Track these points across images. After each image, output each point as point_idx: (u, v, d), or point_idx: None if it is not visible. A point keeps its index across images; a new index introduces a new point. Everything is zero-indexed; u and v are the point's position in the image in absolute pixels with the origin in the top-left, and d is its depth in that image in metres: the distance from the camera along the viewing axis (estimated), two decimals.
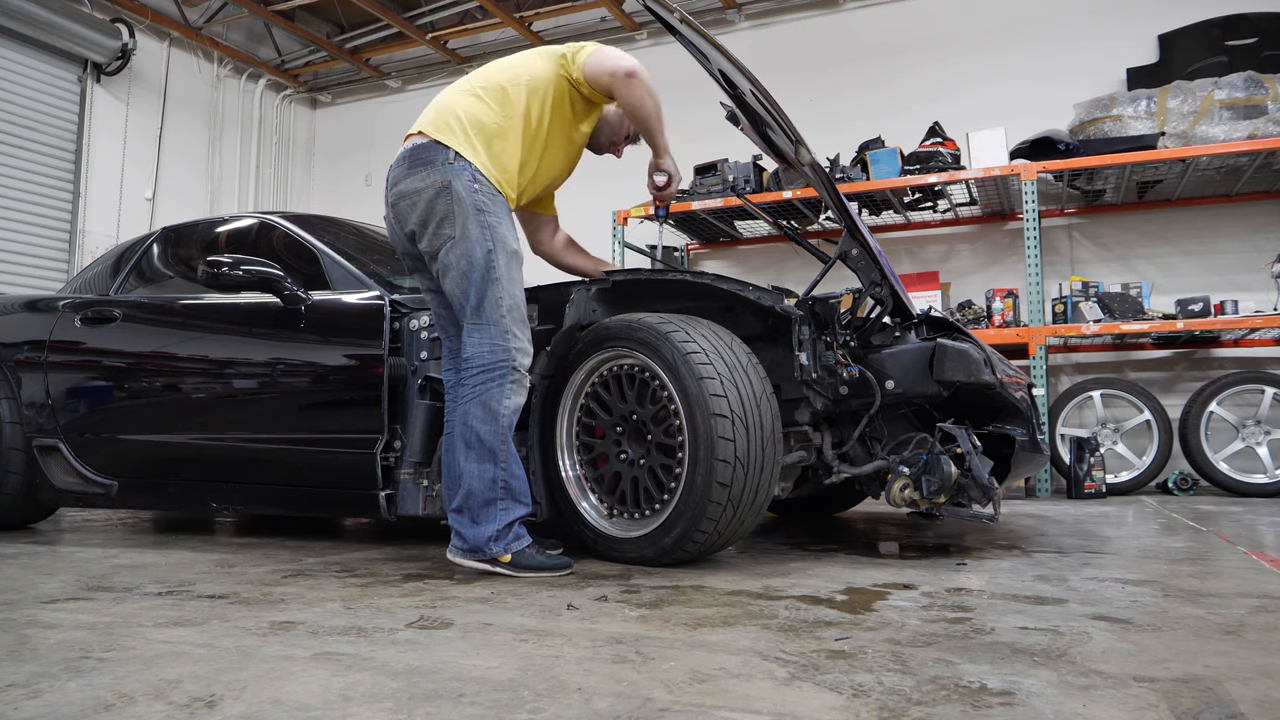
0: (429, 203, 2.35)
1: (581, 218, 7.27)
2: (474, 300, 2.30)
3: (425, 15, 7.59)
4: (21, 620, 1.75)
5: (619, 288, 2.65)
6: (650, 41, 7.38)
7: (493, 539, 2.24)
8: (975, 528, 3.31)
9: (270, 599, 1.96)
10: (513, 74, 2.48)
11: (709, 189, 5.93)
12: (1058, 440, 5.06)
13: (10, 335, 3.50)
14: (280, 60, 8.32)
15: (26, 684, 1.29)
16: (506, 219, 2.39)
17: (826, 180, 2.66)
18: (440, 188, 2.33)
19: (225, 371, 3.05)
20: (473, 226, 2.31)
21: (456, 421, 2.31)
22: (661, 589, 2.03)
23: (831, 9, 6.87)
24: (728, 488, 2.20)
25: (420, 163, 2.38)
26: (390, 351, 2.73)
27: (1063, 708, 1.17)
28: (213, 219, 3.70)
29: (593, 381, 2.52)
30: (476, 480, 2.26)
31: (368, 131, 8.56)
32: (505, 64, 2.53)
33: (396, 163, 2.46)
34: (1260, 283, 5.34)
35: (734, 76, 2.49)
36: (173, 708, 1.18)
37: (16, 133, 6.47)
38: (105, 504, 3.26)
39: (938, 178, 5.38)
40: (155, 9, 7.25)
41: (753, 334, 2.64)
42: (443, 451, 2.46)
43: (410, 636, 1.58)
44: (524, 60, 2.52)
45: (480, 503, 2.25)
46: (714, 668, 1.36)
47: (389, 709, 1.17)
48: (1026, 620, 1.71)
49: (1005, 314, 5.33)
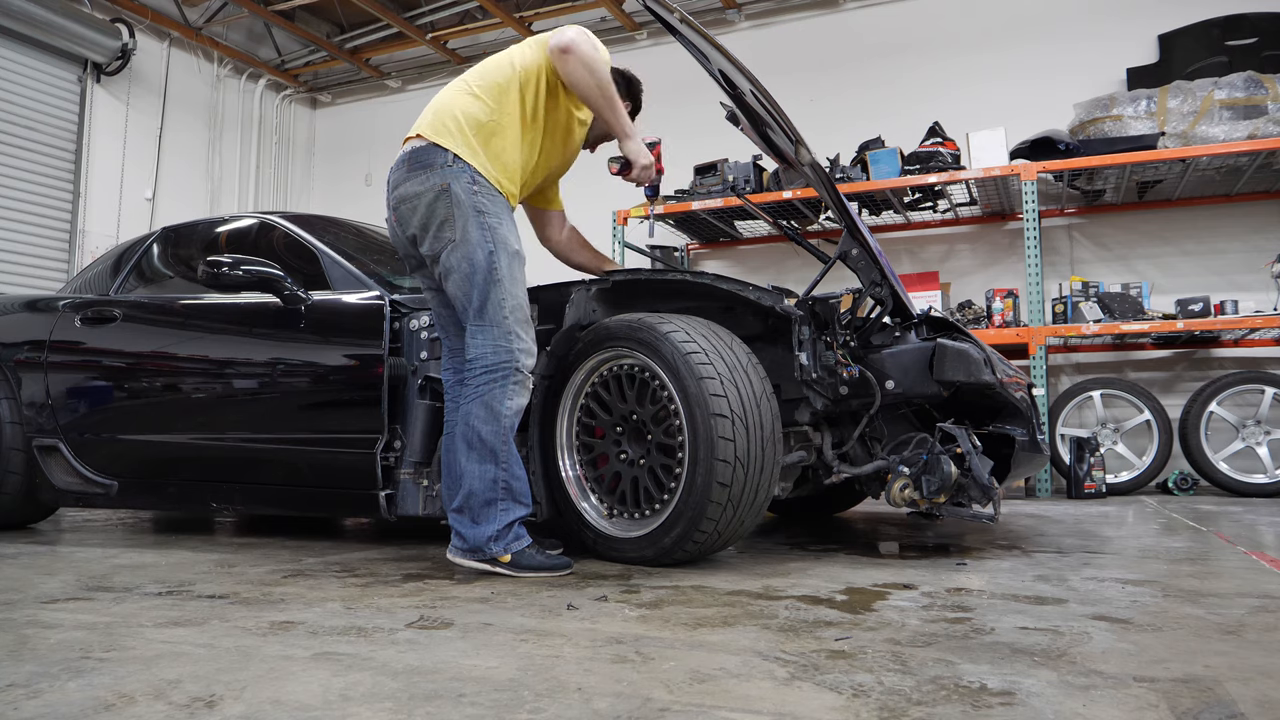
0: (429, 206, 2.35)
1: (582, 218, 7.29)
2: (477, 302, 2.30)
3: (425, 15, 7.59)
4: (21, 620, 1.75)
5: (619, 288, 2.65)
6: (650, 41, 7.38)
7: (493, 539, 2.24)
8: (975, 528, 3.31)
9: (270, 599, 1.96)
10: (503, 67, 2.48)
11: (709, 189, 5.93)
12: (1058, 440, 5.06)
13: (10, 335, 3.50)
14: (280, 60, 8.32)
15: (26, 684, 1.29)
16: (508, 219, 2.39)
17: (826, 180, 2.66)
18: (440, 191, 2.33)
19: (225, 371, 3.05)
20: (473, 229, 2.31)
21: (458, 421, 2.32)
22: (661, 589, 2.03)
23: (831, 9, 6.87)
24: (728, 488, 2.20)
25: (419, 166, 2.38)
26: (390, 351, 2.73)
27: (1063, 708, 1.17)
28: (213, 219, 3.70)
29: (593, 381, 2.52)
30: (477, 480, 2.26)
31: (368, 131, 8.56)
32: (498, 58, 2.53)
33: (396, 165, 2.46)
34: (1260, 283, 5.34)
35: (734, 76, 2.49)
36: (173, 708, 1.18)
37: (16, 133, 6.47)
38: (105, 504, 3.26)
39: (938, 178, 5.38)
40: (155, 9, 7.25)
41: (753, 334, 2.64)
42: (443, 451, 2.46)
43: (410, 636, 1.58)
44: (514, 51, 2.52)
45: (481, 503, 2.26)
46: (714, 668, 1.36)
47: (389, 709, 1.17)
48: (1026, 620, 1.71)
49: (1005, 314, 5.33)
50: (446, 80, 8.42)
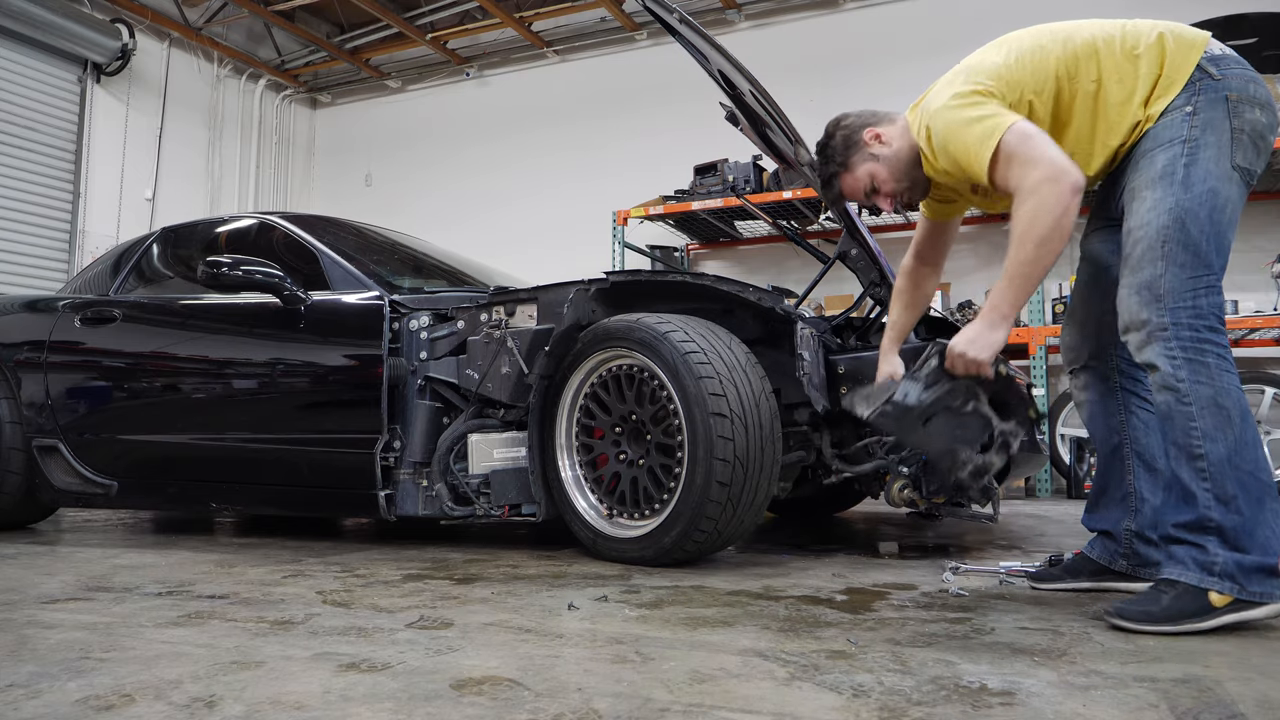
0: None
1: (582, 217, 7.31)
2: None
3: (425, 15, 7.60)
4: (21, 620, 1.75)
5: (618, 288, 2.65)
6: (650, 41, 7.38)
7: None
8: (975, 528, 3.31)
9: (270, 599, 1.96)
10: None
11: (709, 189, 5.93)
12: (1058, 440, 5.06)
13: (10, 335, 3.50)
14: (280, 60, 8.32)
15: (26, 684, 1.29)
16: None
17: None
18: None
19: (225, 372, 3.05)
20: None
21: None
22: (661, 589, 2.03)
23: (831, 9, 6.87)
24: (727, 487, 2.20)
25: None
26: (390, 351, 2.73)
27: (1063, 708, 1.17)
28: (213, 219, 3.70)
29: (592, 382, 2.52)
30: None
31: (368, 131, 8.56)
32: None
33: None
34: (1260, 283, 5.34)
35: (733, 76, 2.49)
36: (173, 708, 1.18)
37: (16, 133, 6.47)
38: (105, 504, 3.26)
39: None
40: (155, 9, 7.25)
41: (753, 337, 2.64)
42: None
43: (410, 636, 1.58)
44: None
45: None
46: (714, 668, 1.36)
47: (389, 709, 1.17)
48: (1026, 620, 1.71)
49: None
50: (447, 80, 8.58)
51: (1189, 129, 1.74)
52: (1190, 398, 1.65)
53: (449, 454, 2.70)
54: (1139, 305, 1.71)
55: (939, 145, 1.90)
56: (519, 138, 7.83)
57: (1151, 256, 1.71)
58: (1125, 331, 1.75)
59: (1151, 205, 1.73)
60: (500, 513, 2.63)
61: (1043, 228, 1.75)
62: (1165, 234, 1.70)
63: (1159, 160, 1.75)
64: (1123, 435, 2.01)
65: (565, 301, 2.63)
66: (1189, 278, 1.68)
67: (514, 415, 2.67)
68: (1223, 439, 1.64)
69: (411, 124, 8.34)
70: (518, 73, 8.01)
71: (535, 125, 7.79)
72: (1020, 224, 1.78)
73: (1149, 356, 1.70)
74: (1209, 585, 1.61)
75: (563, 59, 7.82)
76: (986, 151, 1.77)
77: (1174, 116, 1.75)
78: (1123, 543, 2.00)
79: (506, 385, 2.64)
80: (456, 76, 8.23)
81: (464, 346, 2.77)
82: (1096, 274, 2.05)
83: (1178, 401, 1.67)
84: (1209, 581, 1.62)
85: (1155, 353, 1.68)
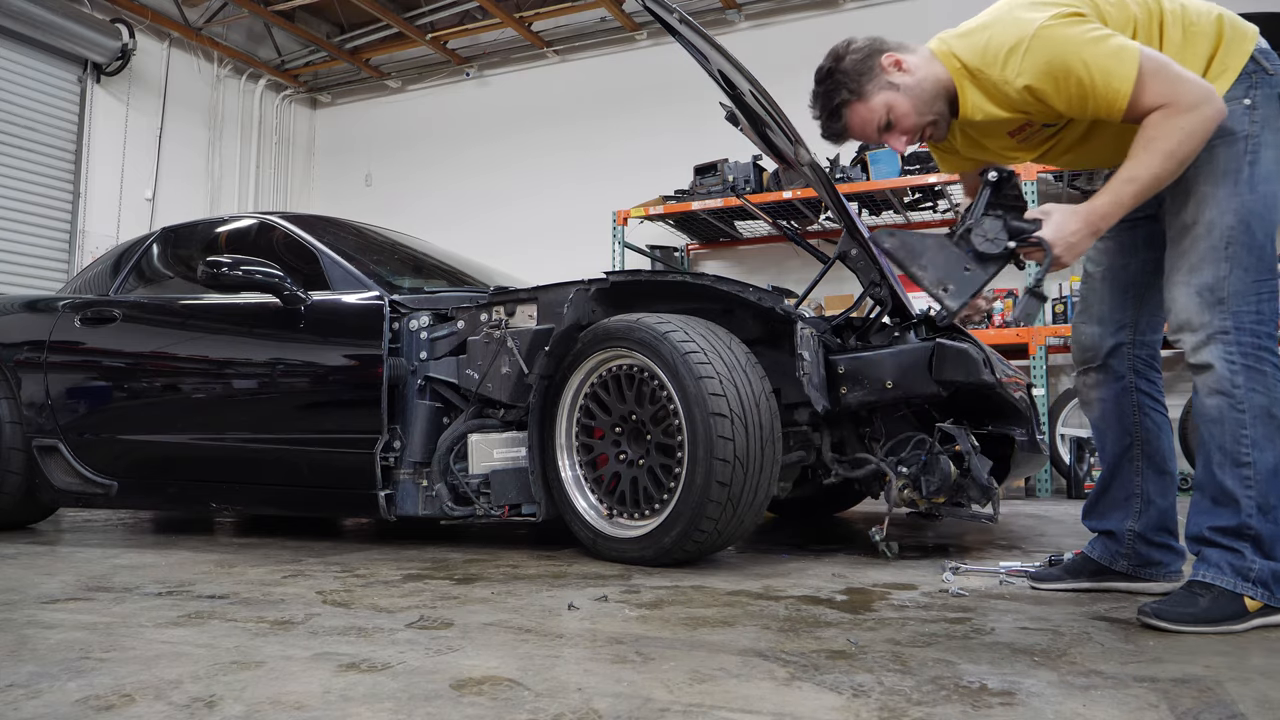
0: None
1: (581, 217, 7.30)
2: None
3: (425, 15, 7.60)
4: (21, 620, 1.75)
5: (618, 288, 2.64)
6: (650, 41, 7.38)
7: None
8: (975, 528, 3.31)
9: (270, 599, 1.96)
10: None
11: (709, 189, 5.93)
12: (1058, 440, 5.06)
13: (10, 335, 3.50)
14: (280, 60, 8.32)
15: (26, 684, 1.29)
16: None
17: (826, 180, 2.66)
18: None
19: (225, 372, 3.05)
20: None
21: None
22: (661, 589, 2.03)
23: (831, 9, 6.87)
24: (727, 487, 2.20)
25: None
26: (390, 351, 2.73)
27: (1063, 708, 1.17)
28: (213, 219, 3.70)
29: (592, 382, 2.52)
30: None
31: (368, 131, 8.56)
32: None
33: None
34: None
35: (733, 76, 2.48)
36: (173, 708, 1.18)
37: (16, 133, 6.47)
38: (105, 504, 3.26)
39: (938, 178, 5.38)
40: (155, 9, 7.25)
41: (753, 337, 2.64)
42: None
43: (410, 636, 1.58)
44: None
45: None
46: (714, 668, 1.36)
47: (389, 709, 1.17)
48: (1026, 620, 1.71)
49: (1005, 314, 5.33)
50: (447, 80, 8.58)
51: (1249, 123, 1.68)
52: (1245, 405, 1.64)
53: (449, 454, 2.70)
54: (1200, 307, 1.67)
55: (1045, 68, 1.69)
56: (519, 138, 7.83)
57: (1214, 257, 1.66)
58: (1179, 330, 1.70)
59: (1215, 203, 1.68)
60: (500, 513, 2.63)
61: (1191, 146, 1.63)
62: (1230, 235, 1.66)
63: (1219, 155, 1.68)
64: (1134, 436, 2.00)
65: (565, 301, 2.63)
66: (1253, 281, 1.65)
67: (514, 415, 2.67)
68: (1271, 449, 1.64)
69: (411, 124, 8.34)
70: (518, 73, 8.01)
71: (535, 125, 7.79)
72: (1171, 138, 1.61)
73: (1206, 358, 1.67)
74: (1244, 590, 1.63)
75: (563, 59, 7.82)
76: (1129, 69, 1.61)
77: (1233, 108, 1.68)
78: (1125, 543, 2.00)
79: (506, 385, 2.64)
80: (456, 76, 8.23)
81: (464, 346, 2.77)
82: (1114, 268, 2.00)
83: (1231, 407, 1.65)
84: (1244, 587, 1.63)
85: (1214, 354, 1.66)
